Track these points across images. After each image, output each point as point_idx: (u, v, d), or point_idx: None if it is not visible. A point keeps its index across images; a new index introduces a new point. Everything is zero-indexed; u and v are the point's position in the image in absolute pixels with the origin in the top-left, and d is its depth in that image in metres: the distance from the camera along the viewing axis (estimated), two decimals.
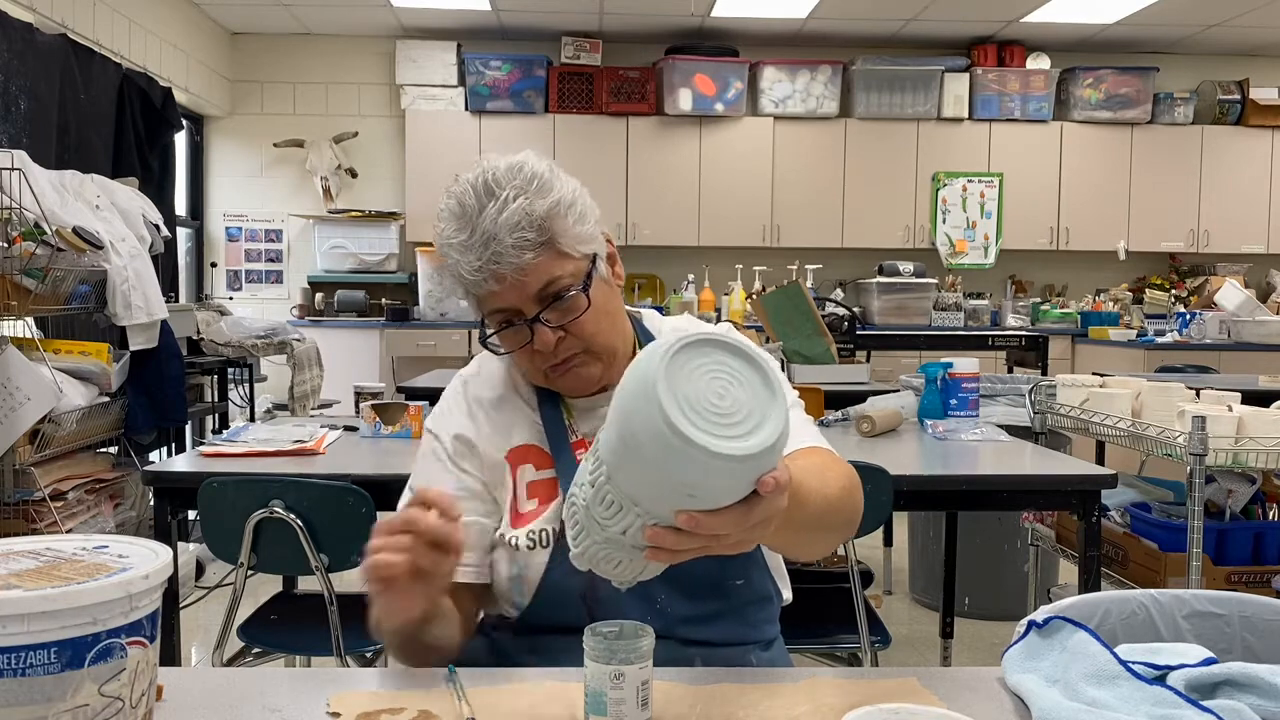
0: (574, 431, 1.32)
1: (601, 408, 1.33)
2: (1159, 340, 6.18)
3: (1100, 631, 1.09)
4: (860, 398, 3.05)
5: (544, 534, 1.25)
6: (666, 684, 1.06)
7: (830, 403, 3.04)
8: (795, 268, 6.64)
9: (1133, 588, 2.51)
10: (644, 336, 1.37)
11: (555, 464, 1.29)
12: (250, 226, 7.36)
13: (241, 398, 5.48)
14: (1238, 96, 7.31)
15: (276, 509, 2.09)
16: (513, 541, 1.26)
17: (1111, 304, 7.26)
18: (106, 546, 0.93)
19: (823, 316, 3.92)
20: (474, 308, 1.29)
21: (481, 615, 1.35)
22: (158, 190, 5.59)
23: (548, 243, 1.21)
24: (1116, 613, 1.19)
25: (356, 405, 2.88)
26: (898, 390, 3.25)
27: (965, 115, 7.22)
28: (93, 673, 0.81)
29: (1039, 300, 7.43)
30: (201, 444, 2.51)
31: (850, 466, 1.21)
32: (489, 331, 1.27)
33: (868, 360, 4.61)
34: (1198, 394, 2.74)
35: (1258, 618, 1.19)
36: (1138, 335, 6.48)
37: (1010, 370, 5.54)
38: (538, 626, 1.26)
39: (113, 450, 3.81)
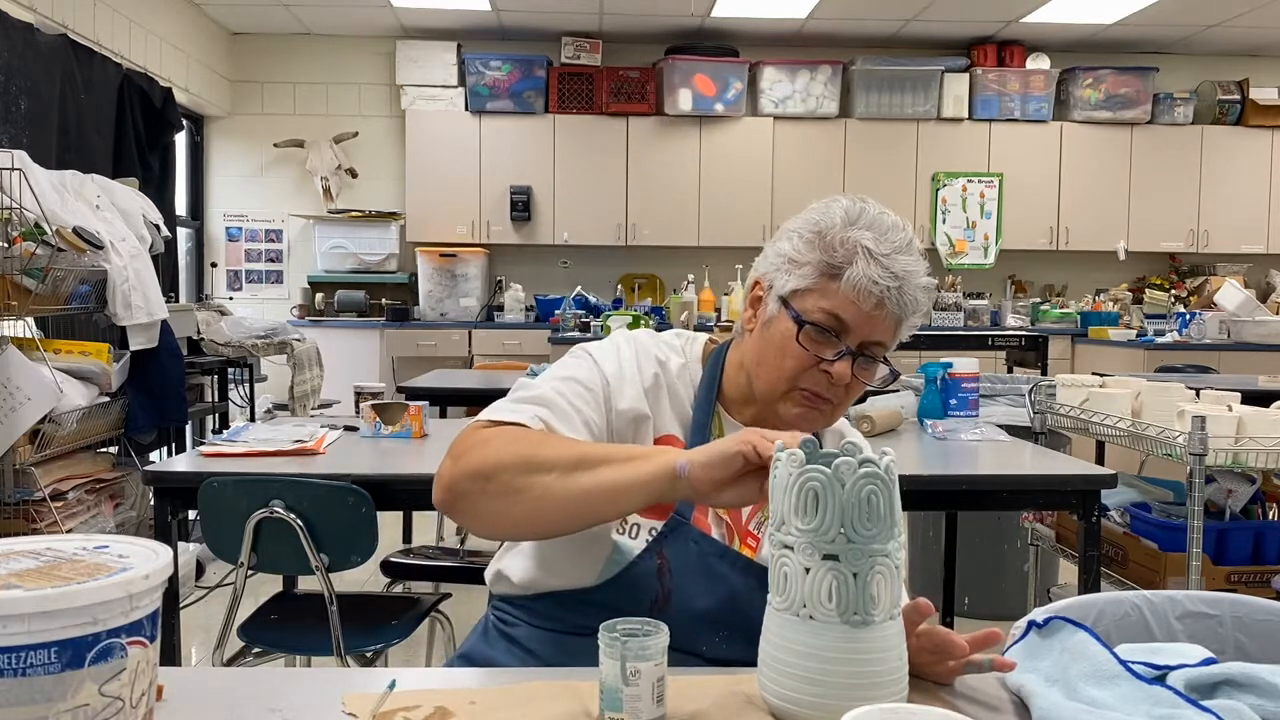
0: None
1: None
2: (1159, 340, 6.18)
3: None
4: (860, 398, 3.04)
5: (651, 529, 1.27)
6: (681, 679, 1.06)
7: None
8: None
9: (1133, 588, 2.52)
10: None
11: None
12: (250, 226, 7.36)
13: (241, 398, 5.48)
14: (1237, 96, 7.31)
15: (276, 509, 2.09)
16: (634, 526, 1.28)
17: (1111, 304, 7.26)
18: (107, 546, 0.93)
19: None
20: (800, 285, 1.28)
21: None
22: (158, 190, 5.59)
23: (907, 319, 1.30)
24: (1110, 614, 1.19)
25: (356, 405, 2.88)
26: (898, 390, 3.25)
27: (965, 115, 7.22)
28: (93, 673, 0.81)
29: (1039, 300, 7.43)
30: (202, 444, 2.51)
31: None
32: (807, 319, 1.28)
33: None
34: (1197, 394, 2.74)
35: (1250, 618, 1.19)
36: (1137, 335, 6.48)
37: (1010, 370, 5.54)
38: (601, 604, 1.25)
39: (113, 450, 3.81)
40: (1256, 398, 3.10)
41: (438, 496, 1.20)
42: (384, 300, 7.07)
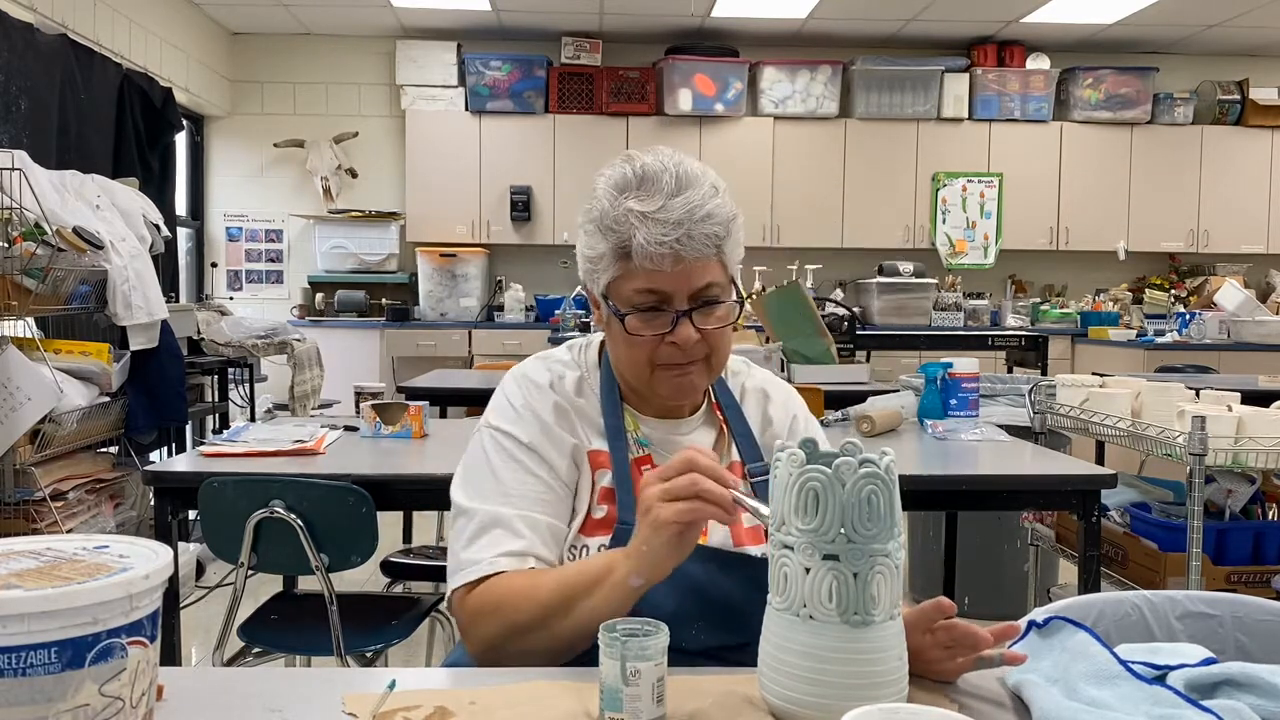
0: (639, 447, 1.32)
1: (674, 435, 1.35)
2: (1159, 340, 6.18)
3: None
4: (860, 398, 3.05)
5: (600, 546, 1.27)
6: (680, 679, 1.06)
7: (830, 403, 3.04)
8: (795, 268, 6.62)
9: (1132, 588, 2.51)
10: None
11: (613, 473, 1.30)
12: (250, 226, 7.37)
13: (242, 398, 5.48)
14: (1237, 96, 7.31)
15: (277, 509, 2.09)
16: (583, 548, 1.28)
17: (1111, 304, 7.26)
18: (107, 546, 0.93)
19: (823, 316, 3.92)
20: (608, 277, 1.26)
21: None
22: (158, 190, 5.59)
23: (720, 249, 1.25)
24: (1110, 614, 1.19)
25: (356, 405, 2.88)
26: (898, 390, 3.25)
27: (965, 115, 7.22)
28: (93, 673, 0.81)
29: (1039, 300, 7.43)
30: (202, 444, 2.51)
31: None
32: (626, 310, 1.25)
33: (868, 360, 4.61)
34: (1197, 394, 2.74)
35: (1250, 618, 1.19)
36: (1137, 335, 6.48)
37: (1010, 370, 5.55)
38: None
39: (113, 450, 3.81)
40: (1256, 398, 3.10)
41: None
42: (384, 300, 7.07)
